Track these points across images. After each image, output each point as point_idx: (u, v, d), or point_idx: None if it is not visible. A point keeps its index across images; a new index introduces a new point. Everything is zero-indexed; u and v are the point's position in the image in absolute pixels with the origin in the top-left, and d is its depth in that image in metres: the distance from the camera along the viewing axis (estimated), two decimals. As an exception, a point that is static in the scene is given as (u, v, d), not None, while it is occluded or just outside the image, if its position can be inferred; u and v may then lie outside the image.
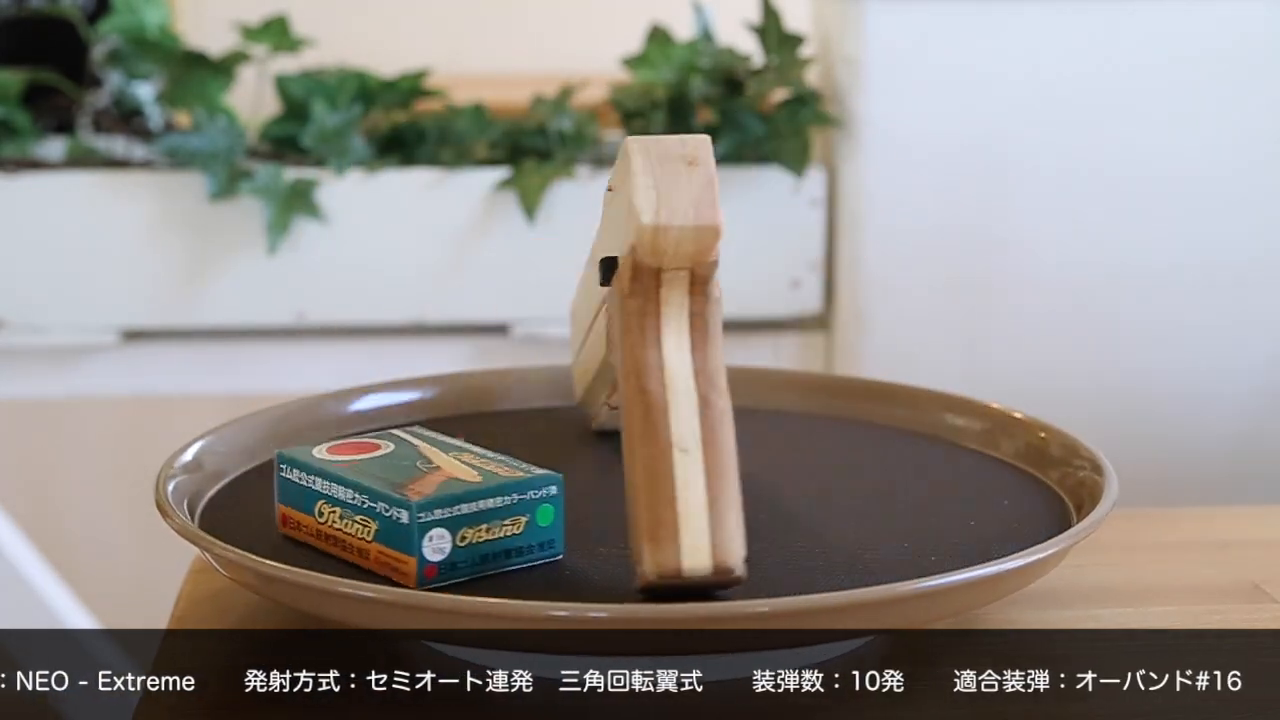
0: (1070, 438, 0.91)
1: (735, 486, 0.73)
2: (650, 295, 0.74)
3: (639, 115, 1.60)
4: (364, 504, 0.78)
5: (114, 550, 2.19)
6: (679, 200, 0.73)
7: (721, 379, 0.74)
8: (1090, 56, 1.53)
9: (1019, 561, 0.76)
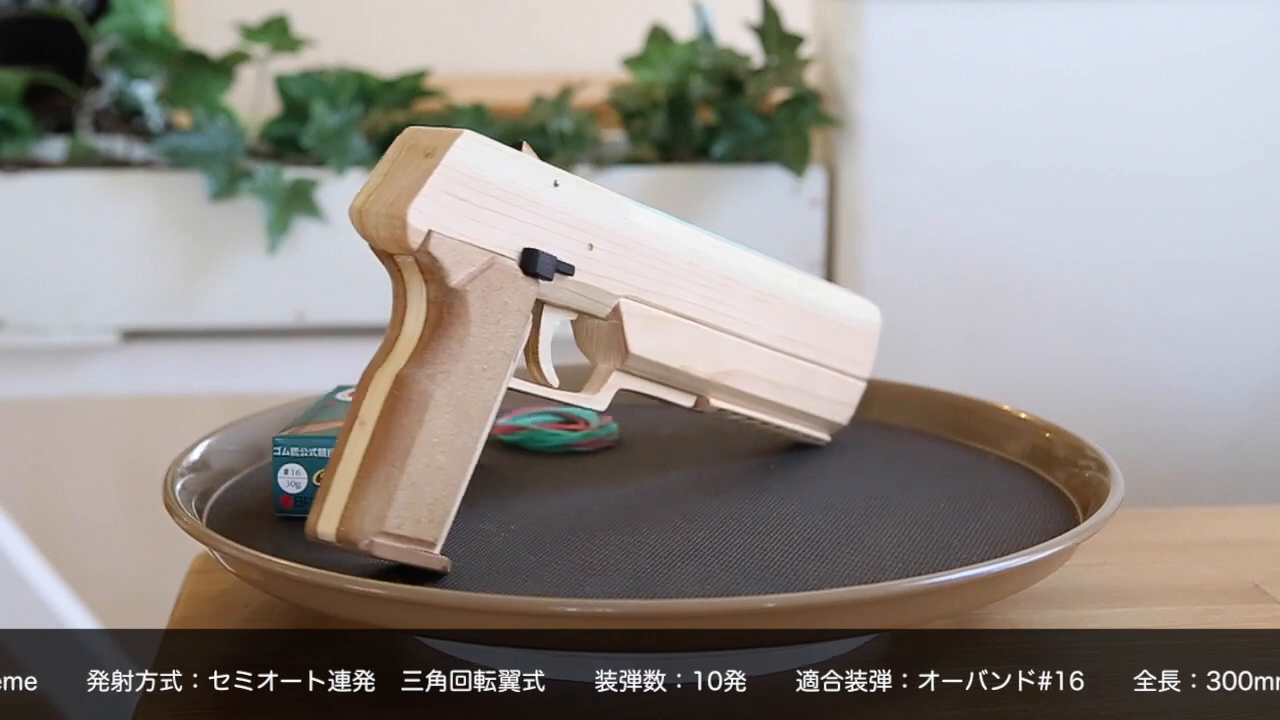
0: (1076, 438, 0.91)
1: (401, 464, 0.73)
2: (398, 277, 0.76)
3: (639, 115, 1.60)
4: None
5: (114, 550, 2.19)
6: (390, 188, 0.74)
7: (441, 363, 0.74)
8: (1090, 56, 1.53)
9: (1024, 559, 0.76)
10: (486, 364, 0.75)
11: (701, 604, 0.72)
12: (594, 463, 0.94)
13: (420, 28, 2.52)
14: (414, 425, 0.73)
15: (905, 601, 0.73)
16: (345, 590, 0.72)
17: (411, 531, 0.74)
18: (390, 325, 0.76)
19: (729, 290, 0.86)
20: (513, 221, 0.76)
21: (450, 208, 0.74)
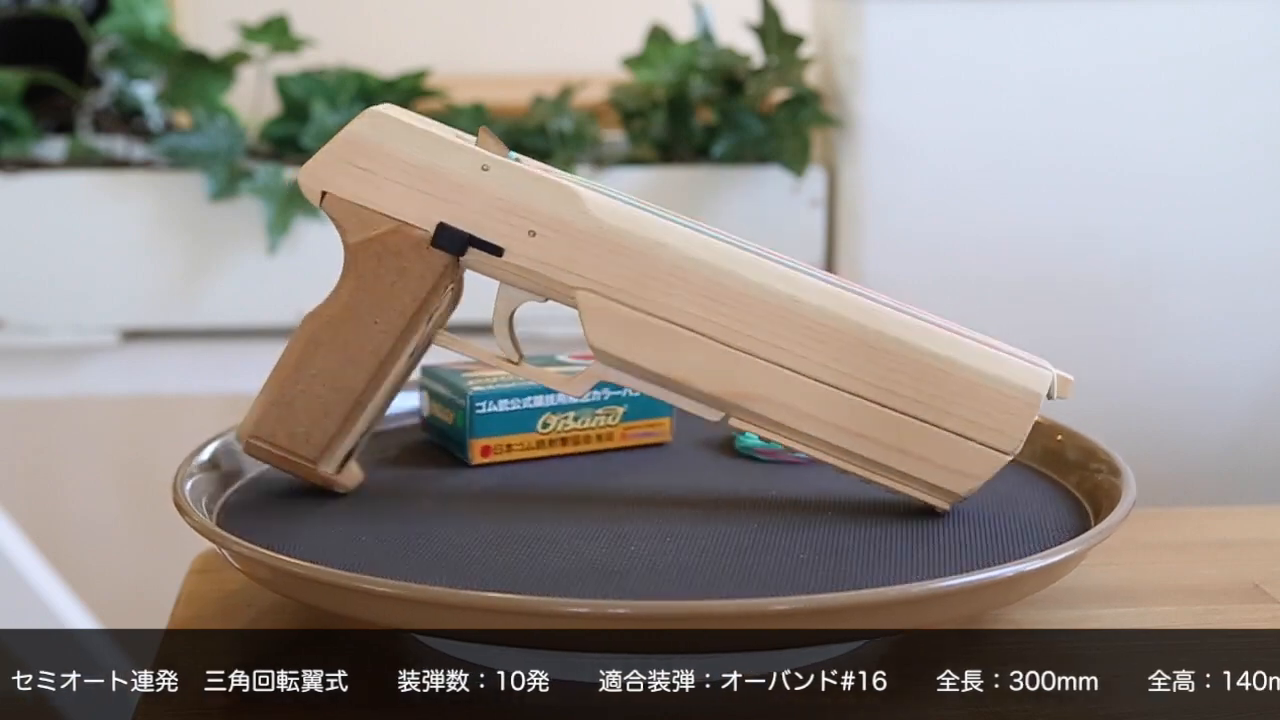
0: (1088, 440, 0.91)
1: (281, 387, 0.86)
2: None
3: (639, 115, 1.60)
4: (606, 396, 0.93)
5: (114, 550, 2.19)
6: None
7: (331, 309, 0.89)
8: (1090, 55, 1.53)
9: (1039, 563, 0.76)
10: (377, 317, 0.87)
11: (716, 605, 0.72)
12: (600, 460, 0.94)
13: (420, 28, 2.52)
14: (297, 357, 0.86)
15: (919, 605, 0.73)
16: (356, 589, 0.73)
17: (285, 443, 0.85)
18: None
19: (748, 307, 0.81)
20: (427, 196, 0.84)
21: (348, 174, 0.85)
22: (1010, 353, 0.85)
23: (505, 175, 0.84)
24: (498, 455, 0.92)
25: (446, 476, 0.91)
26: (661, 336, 0.82)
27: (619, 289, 0.82)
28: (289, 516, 0.85)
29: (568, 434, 0.93)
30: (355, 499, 0.88)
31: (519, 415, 0.93)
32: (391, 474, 0.92)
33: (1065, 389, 0.84)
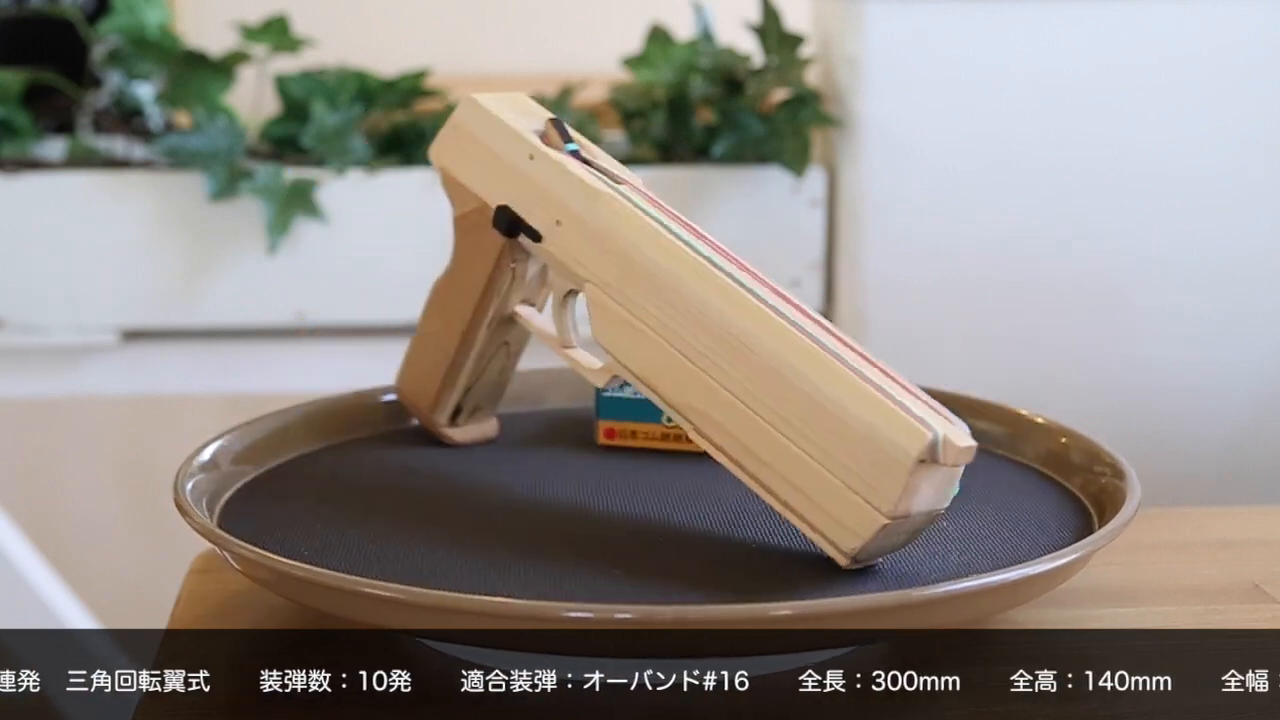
0: (1092, 443, 0.91)
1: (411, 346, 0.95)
2: None
3: (639, 115, 1.60)
4: None
5: (114, 550, 2.19)
6: None
7: (441, 278, 0.93)
8: (1090, 55, 1.53)
9: (1043, 567, 0.76)
10: (464, 286, 0.91)
11: (719, 610, 0.72)
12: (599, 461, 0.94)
13: (420, 28, 2.52)
14: (420, 318, 0.94)
15: (923, 609, 0.73)
16: (357, 592, 0.73)
17: (409, 395, 0.95)
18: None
19: (696, 320, 0.80)
20: (499, 180, 0.88)
21: (452, 154, 0.91)
22: (907, 404, 0.76)
23: (545, 166, 0.87)
24: (622, 440, 0.95)
25: (450, 478, 0.91)
26: (636, 337, 0.83)
27: (610, 286, 0.83)
28: (291, 517, 0.85)
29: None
30: (356, 499, 0.88)
31: (644, 405, 0.93)
32: (394, 474, 0.92)
33: (954, 455, 0.74)
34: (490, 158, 0.89)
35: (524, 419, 1.00)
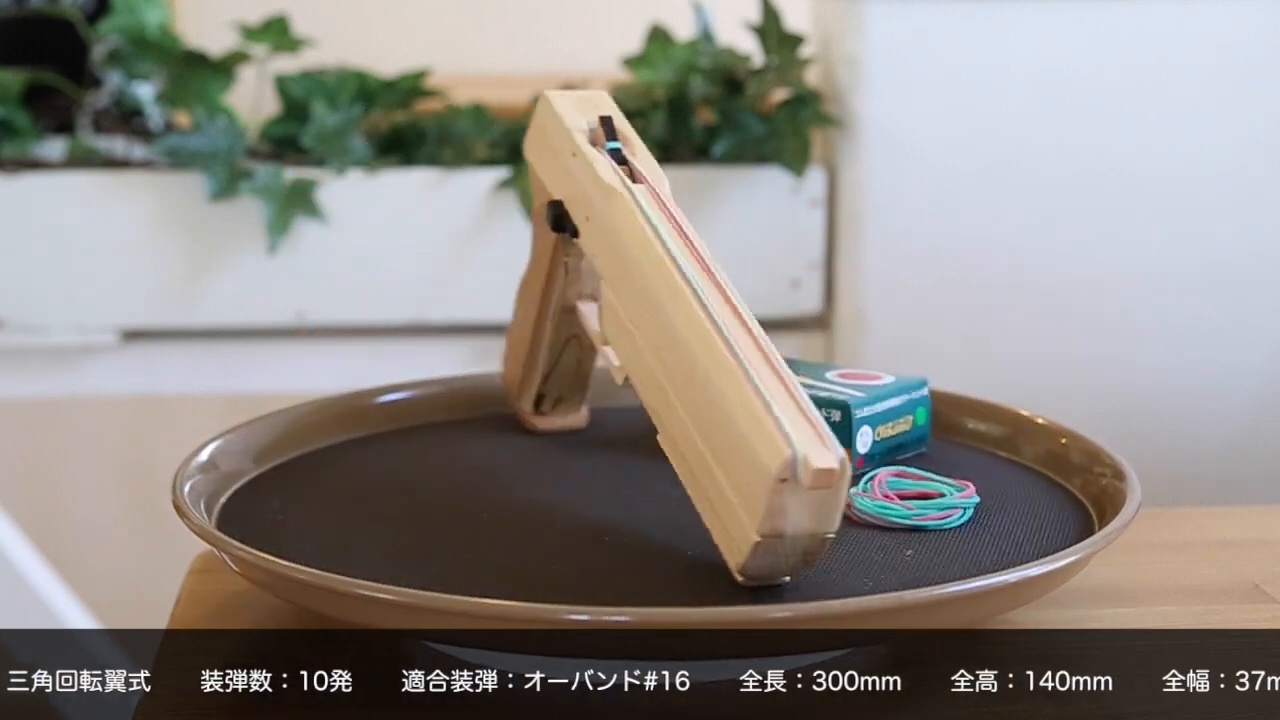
0: (1092, 444, 0.91)
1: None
2: None
3: (639, 115, 1.60)
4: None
5: (114, 550, 2.19)
6: None
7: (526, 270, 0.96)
8: (1091, 55, 1.53)
9: (1043, 569, 0.76)
10: (532, 278, 0.95)
11: (720, 613, 0.72)
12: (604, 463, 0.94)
13: (420, 28, 2.52)
14: (513, 309, 0.98)
15: (923, 611, 0.73)
16: (353, 594, 0.73)
17: (505, 381, 0.99)
18: None
19: (660, 327, 0.79)
20: (555, 176, 0.89)
21: (534, 151, 0.92)
22: (784, 421, 0.73)
23: (581, 164, 0.87)
24: None
25: (449, 479, 0.91)
26: (627, 337, 0.83)
27: (615, 285, 0.84)
28: (289, 518, 0.85)
29: None
30: (355, 500, 0.88)
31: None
32: (392, 475, 0.92)
33: (811, 477, 0.71)
34: (551, 153, 0.90)
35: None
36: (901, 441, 0.94)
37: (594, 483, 0.90)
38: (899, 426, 0.93)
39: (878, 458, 0.92)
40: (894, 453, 0.93)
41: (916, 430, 0.95)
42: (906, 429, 0.94)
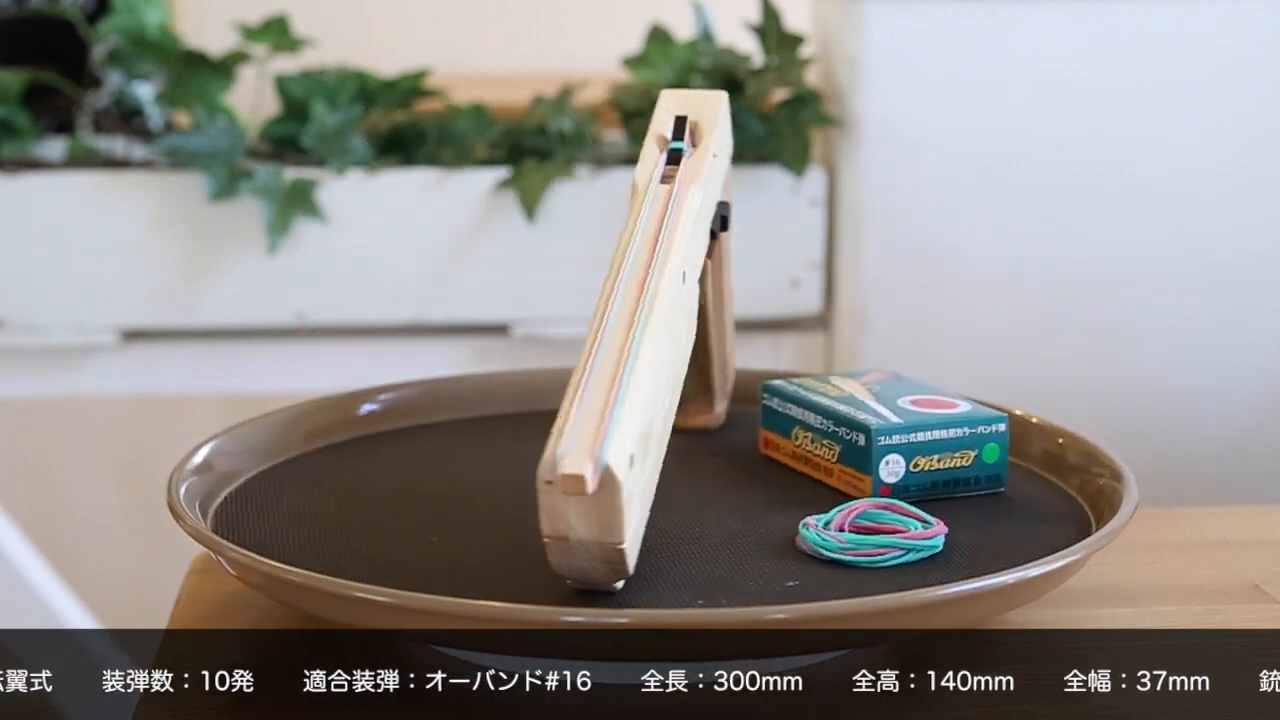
0: (1090, 444, 0.91)
1: None
2: None
3: (639, 115, 1.60)
4: (829, 428, 0.89)
5: (114, 550, 2.19)
6: None
7: None
8: (1090, 56, 1.53)
9: (1039, 570, 0.76)
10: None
11: (717, 614, 0.72)
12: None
13: (420, 28, 2.52)
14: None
15: (920, 612, 0.73)
16: (346, 596, 0.73)
17: None
18: None
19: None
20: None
21: None
22: (574, 422, 0.73)
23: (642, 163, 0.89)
24: (770, 451, 0.94)
25: (444, 479, 0.91)
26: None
27: None
28: (285, 519, 0.85)
29: (808, 453, 0.92)
30: (351, 501, 0.87)
31: (784, 418, 0.93)
32: (387, 476, 0.92)
33: (563, 482, 0.70)
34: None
35: (527, 419, 1.00)
36: (958, 477, 0.89)
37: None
38: (952, 460, 0.88)
39: (919, 489, 0.88)
40: (949, 487, 0.89)
41: (983, 467, 0.89)
42: (965, 464, 0.89)
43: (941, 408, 0.90)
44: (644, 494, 0.76)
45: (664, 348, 0.78)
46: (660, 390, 0.78)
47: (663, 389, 0.79)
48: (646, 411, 0.75)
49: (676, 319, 0.81)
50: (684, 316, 0.83)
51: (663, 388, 0.79)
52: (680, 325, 0.82)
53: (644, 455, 0.75)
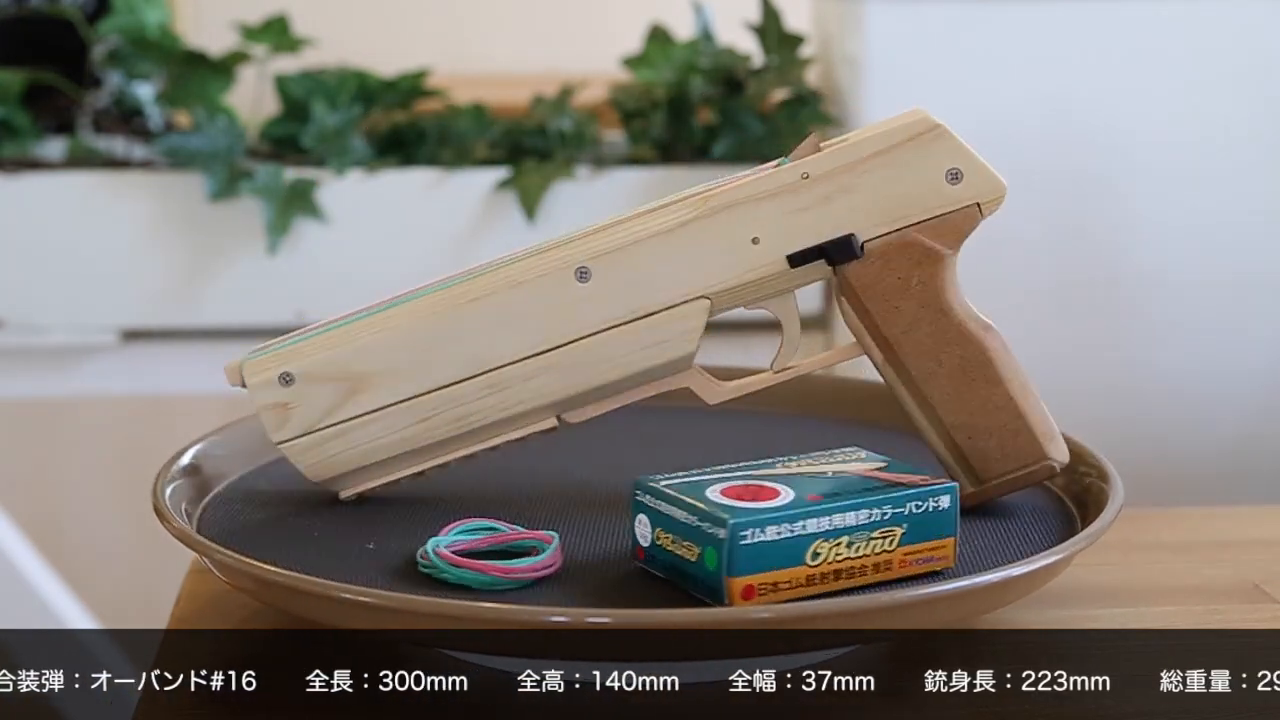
0: (1076, 443, 0.90)
1: None
2: (958, 250, 0.89)
3: (639, 115, 1.60)
4: (886, 515, 0.77)
5: (114, 550, 2.19)
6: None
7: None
8: (1091, 56, 1.53)
9: (1022, 569, 0.76)
10: None
11: (703, 614, 0.72)
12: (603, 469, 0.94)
13: (420, 28, 2.52)
14: None
15: (903, 611, 0.73)
16: (331, 597, 0.73)
17: None
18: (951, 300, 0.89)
19: None
20: None
21: None
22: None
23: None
24: (760, 598, 0.75)
25: (435, 480, 0.91)
26: None
27: None
28: (273, 520, 0.85)
29: (842, 565, 0.76)
30: (338, 502, 0.87)
31: (783, 546, 0.75)
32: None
33: (229, 375, 0.89)
34: None
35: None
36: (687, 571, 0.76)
37: (594, 484, 0.90)
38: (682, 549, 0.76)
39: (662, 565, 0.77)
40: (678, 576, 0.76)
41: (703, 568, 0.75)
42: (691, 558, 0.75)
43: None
44: (350, 434, 0.85)
45: (458, 315, 0.86)
46: (412, 344, 0.86)
47: (424, 346, 0.85)
48: (356, 350, 0.86)
49: (539, 306, 0.84)
50: (563, 310, 0.84)
51: (425, 345, 0.86)
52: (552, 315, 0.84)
53: (324, 385, 0.86)
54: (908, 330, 0.86)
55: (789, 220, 0.84)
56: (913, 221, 0.86)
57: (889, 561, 0.77)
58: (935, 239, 0.87)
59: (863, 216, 0.84)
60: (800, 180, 0.84)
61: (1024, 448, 0.85)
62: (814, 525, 0.75)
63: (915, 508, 0.78)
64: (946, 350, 0.87)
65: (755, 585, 0.74)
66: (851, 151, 0.84)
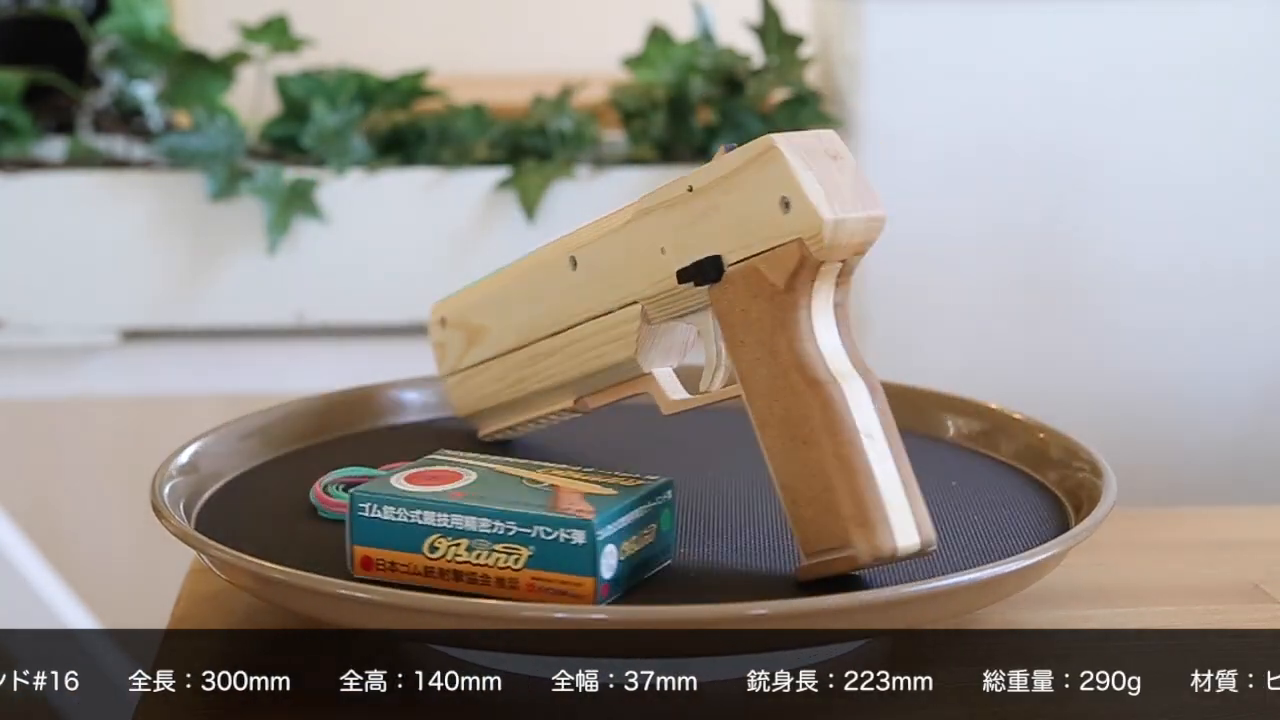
0: (1069, 439, 0.90)
1: (908, 465, 0.76)
2: (804, 289, 0.75)
3: (639, 115, 1.60)
4: (510, 531, 0.75)
5: (114, 550, 2.19)
6: (844, 194, 0.76)
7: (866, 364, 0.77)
8: (1090, 57, 1.53)
9: (1016, 565, 0.76)
10: None
11: (696, 611, 0.72)
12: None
13: (420, 28, 2.52)
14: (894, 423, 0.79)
15: (901, 605, 0.73)
16: (335, 594, 0.73)
17: None
18: (789, 339, 0.76)
19: None
20: None
21: None
22: None
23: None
24: (380, 572, 0.77)
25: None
26: None
27: None
28: (271, 518, 0.85)
29: (462, 566, 0.75)
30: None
31: (403, 529, 0.76)
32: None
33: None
34: None
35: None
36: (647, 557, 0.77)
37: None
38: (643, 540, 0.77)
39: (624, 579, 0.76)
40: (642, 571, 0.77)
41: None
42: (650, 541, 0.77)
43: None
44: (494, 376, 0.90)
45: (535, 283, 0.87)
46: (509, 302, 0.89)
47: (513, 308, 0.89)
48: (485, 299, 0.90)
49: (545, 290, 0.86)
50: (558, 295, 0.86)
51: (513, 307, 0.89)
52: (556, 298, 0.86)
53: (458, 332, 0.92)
54: (751, 367, 0.76)
55: (681, 234, 0.78)
56: (755, 251, 0.76)
57: (515, 580, 0.74)
58: (770, 271, 0.76)
59: (725, 238, 0.77)
60: (686, 193, 0.78)
61: (830, 527, 0.74)
62: (431, 518, 0.76)
63: (544, 533, 0.74)
64: (777, 399, 0.76)
65: (375, 559, 0.76)
66: (718, 167, 0.77)
